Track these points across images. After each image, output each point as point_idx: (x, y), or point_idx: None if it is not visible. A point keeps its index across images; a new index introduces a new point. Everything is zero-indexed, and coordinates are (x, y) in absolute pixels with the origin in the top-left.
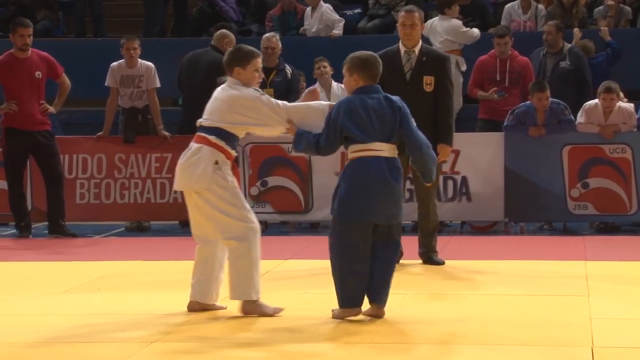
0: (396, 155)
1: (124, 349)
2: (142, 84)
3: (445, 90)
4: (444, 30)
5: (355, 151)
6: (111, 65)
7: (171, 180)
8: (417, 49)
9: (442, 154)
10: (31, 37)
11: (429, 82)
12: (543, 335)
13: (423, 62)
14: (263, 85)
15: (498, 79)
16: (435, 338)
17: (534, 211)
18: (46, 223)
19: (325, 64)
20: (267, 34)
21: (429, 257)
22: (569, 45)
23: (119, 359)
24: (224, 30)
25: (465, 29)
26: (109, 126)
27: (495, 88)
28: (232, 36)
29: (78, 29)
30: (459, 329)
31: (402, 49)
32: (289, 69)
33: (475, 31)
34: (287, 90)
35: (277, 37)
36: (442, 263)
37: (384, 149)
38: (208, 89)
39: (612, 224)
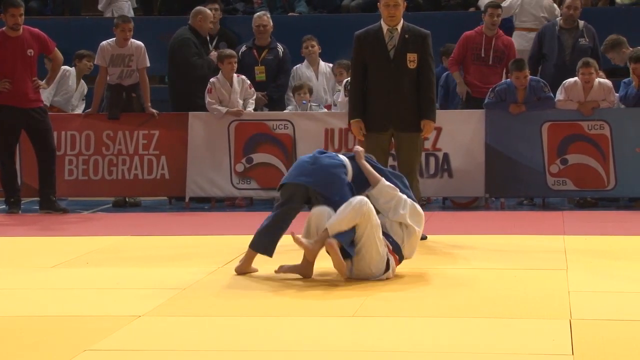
0: None
1: (112, 322)
2: (132, 63)
3: (428, 66)
4: (536, 5)
5: None
6: (101, 44)
7: (158, 157)
8: (399, 27)
9: (425, 130)
10: (22, 17)
11: (412, 59)
12: (522, 308)
13: (406, 40)
14: (255, 63)
15: (482, 55)
16: (412, 311)
17: (514, 187)
18: (36, 199)
19: (314, 42)
20: (258, 13)
21: None
22: (582, 21)
23: (107, 333)
24: (198, 7)
25: (556, 7)
26: (97, 104)
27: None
28: (207, 12)
29: (69, 8)
30: (434, 303)
31: (385, 27)
32: (280, 48)
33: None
34: (278, 69)
35: (268, 15)
36: (425, 238)
37: None
38: (173, 65)
39: (591, 199)
